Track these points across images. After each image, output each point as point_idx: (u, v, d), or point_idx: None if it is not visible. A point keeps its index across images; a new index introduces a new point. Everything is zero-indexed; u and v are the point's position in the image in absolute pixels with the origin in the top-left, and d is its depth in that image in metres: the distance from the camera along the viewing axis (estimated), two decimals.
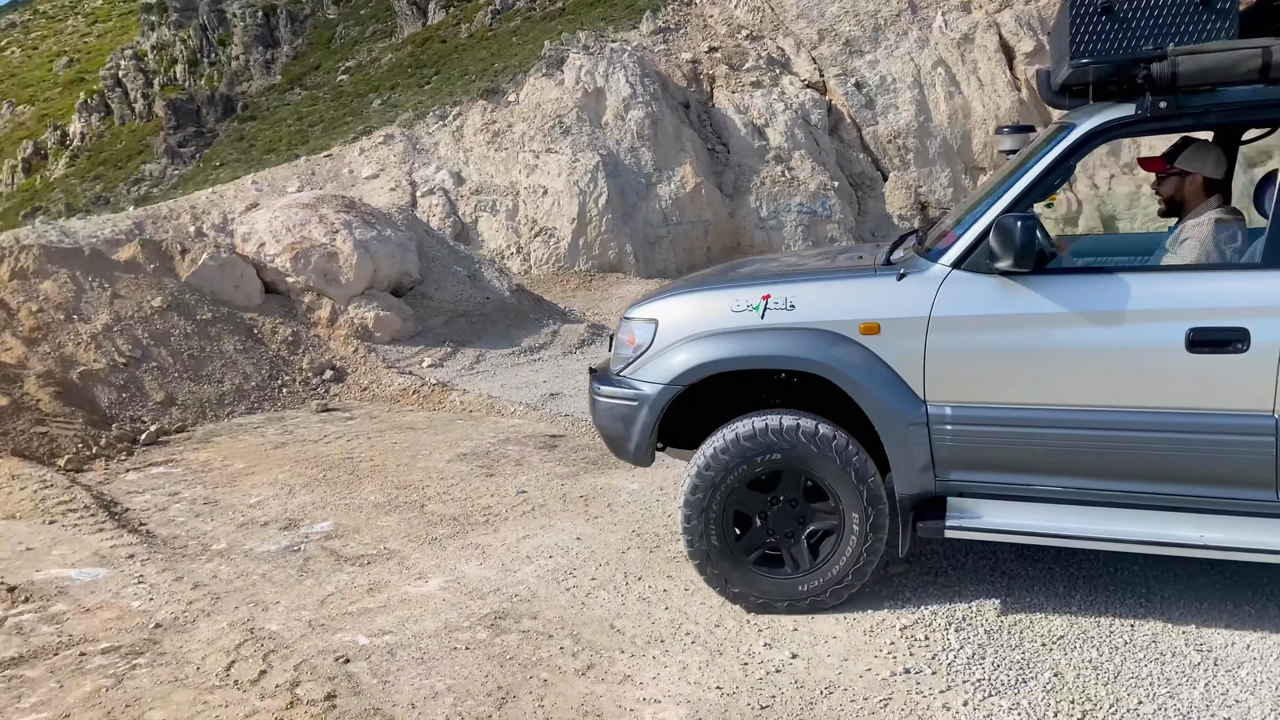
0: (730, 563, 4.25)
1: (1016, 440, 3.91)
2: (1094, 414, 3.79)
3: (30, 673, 4.00)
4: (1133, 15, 3.70)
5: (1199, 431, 3.67)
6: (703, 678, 3.76)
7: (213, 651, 4.11)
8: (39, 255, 9.40)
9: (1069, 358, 3.80)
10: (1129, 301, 3.74)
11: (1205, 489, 3.74)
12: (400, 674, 3.87)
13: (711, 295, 4.49)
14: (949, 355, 3.92)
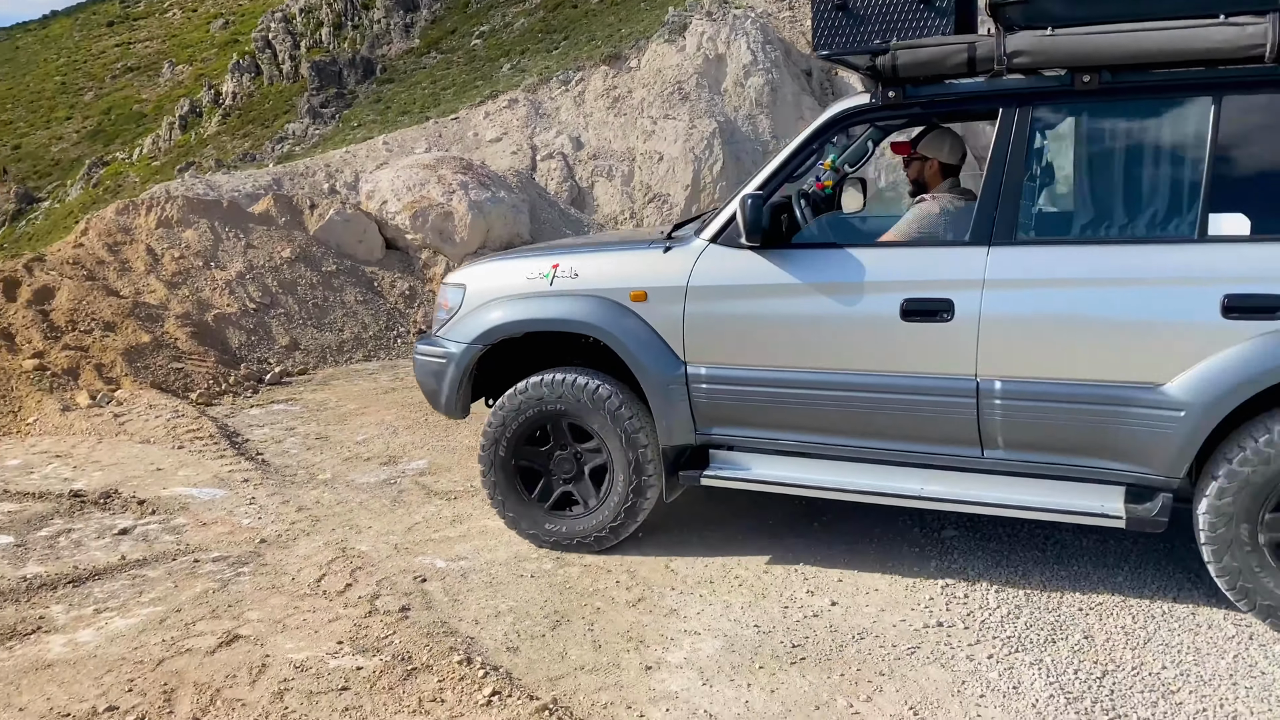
0: (522, 507, 4.72)
1: (761, 399, 4.30)
2: (824, 376, 4.17)
3: (151, 573, 4.53)
4: (864, 11, 4.03)
5: (913, 393, 4.02)
6: (743, 616, 4.01)
7: (307, 565, 4.57)
8: (182, 205, 10.18)
9: (801, 325, 4.19)
10: (852, 274, 4.10)
11: (922, 446, 4.10)
12: (469, 595, 4.24)
13: (511, 264, 4.89)
14: (703, 321, 4.34)
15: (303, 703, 3.37)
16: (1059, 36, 3.75)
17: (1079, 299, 3.78)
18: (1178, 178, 3.78)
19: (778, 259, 4.21)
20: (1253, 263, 3.58)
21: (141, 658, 3.71)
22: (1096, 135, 3.98)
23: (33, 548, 4.83)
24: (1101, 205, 3.89)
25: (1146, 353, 3.70)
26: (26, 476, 6.02)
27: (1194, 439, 3.64)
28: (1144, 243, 3.77)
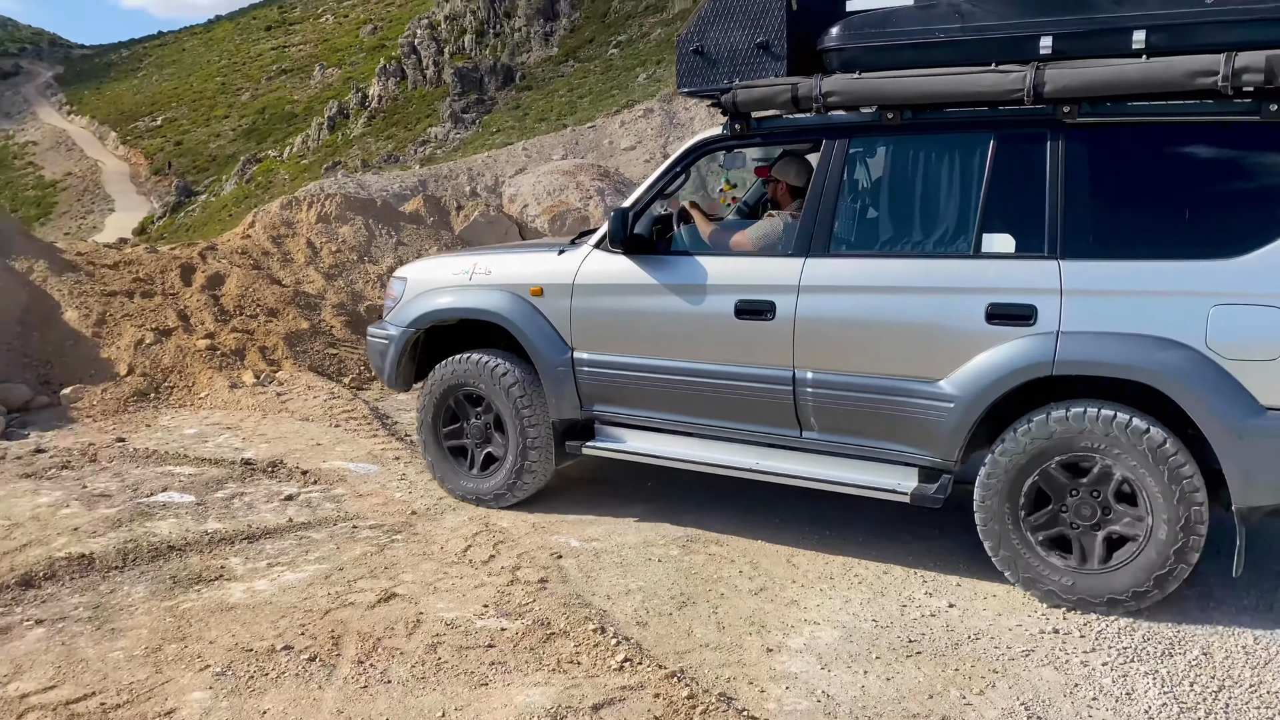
0: (447, 466, 5.55)
1: (630, 383, 5.01)
2: (677, 364, 4.86)
3: (315, 535, 4.99)
4: (716, 55, 4.74)
5: (745, 380, 4.68)
6: (862, 611, 4.19)
7: (454, 537, 4.95)
8: (340, 203, 10.88)
9: (657, 320, 4.90)
10: (698, 278, 4.81)
11: (755, 426, 4.76)
12: (601, 572, 4.55)
13: (442, 261, 5.80)
14: (585, 313, 5.08)
15: (454, 655, 3.72)
16: (865, 80, 4.39)
17: (875, 304, 4.40)
18: (960, 202, 4.32)
19: (642, 262, 4.95)
20: (1012, 276, 4.13)
21: (310, 607, 4.13)
22: (898, 164, 4.50)
23: (211, 507, 5.37)
24: (899, 223, 4.47)
25: (926, 352, 4.27)
26: (202, 444, 6.63)
27: (961, 428, 4.21)
28: (929, 257, 4.35)
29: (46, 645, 3.80)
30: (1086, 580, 4.11)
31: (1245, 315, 3.76)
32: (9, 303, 8.16)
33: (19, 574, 4.36)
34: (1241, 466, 3.80)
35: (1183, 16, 3.86)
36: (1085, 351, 3.97)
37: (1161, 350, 3.85)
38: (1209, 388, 3.79)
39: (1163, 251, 3.93)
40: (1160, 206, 4.03)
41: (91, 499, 5.42)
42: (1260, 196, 3.87)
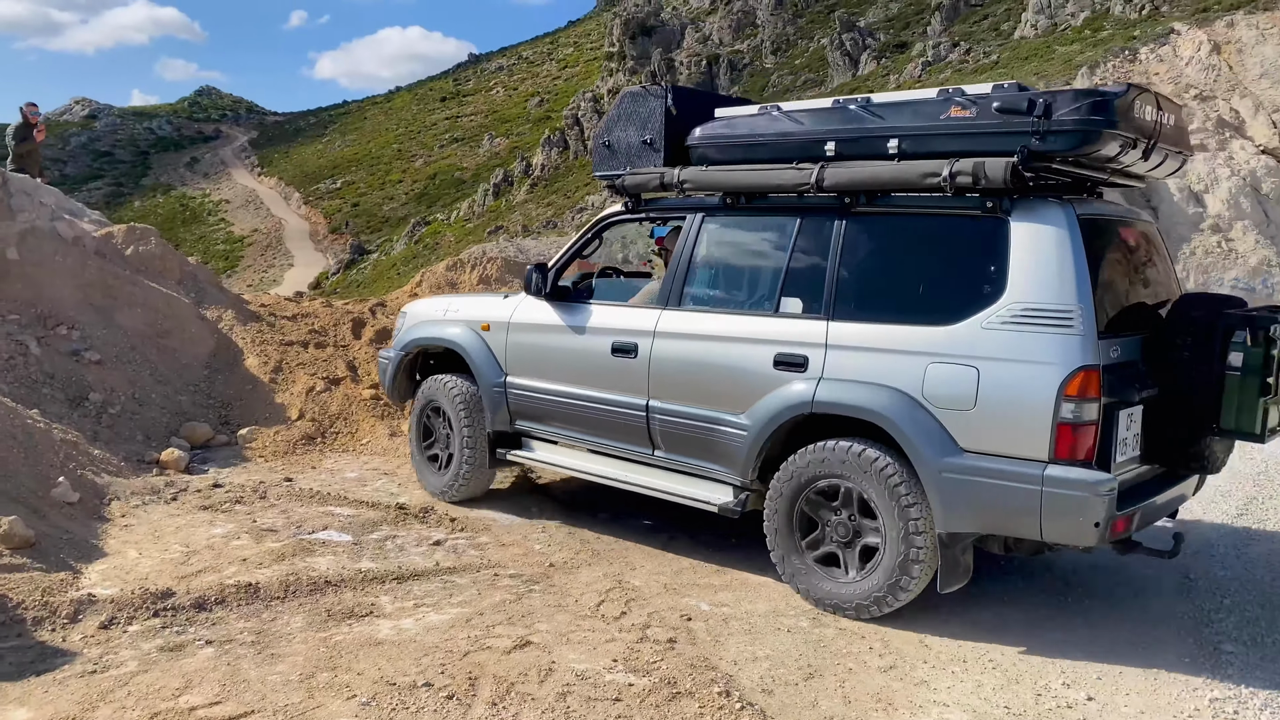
0: (423, 467, 6.91)
1: (543, 404, 6.12)
2: (573, 390, 5.94)
3: (459, 580, 5.23)
4: (618, 149, 5.96)
5: (617, 406, 5.71)
6: (994, 696, 4.10)
7: (589, 591, 5.10)
8: (500, 266, 11.44)
9: (559, 354, 6.04)
10: (591, 321, 5.93)
11: (625, 444, 5.77)
12: (730, 638, 4.60)
13: (432, 301, 7.17)
14: (515, 346, 6.27)
15: (582, 705, 3.85)
16: (710, 171, 5.53)
17: (703, 349, 5.37)
18: (771, 270, 5.31)
19: (557, 307, 6.10)
20: (794, 332, 5.03)
21: (451, 648, 4.34)
22: (732, 237, 5.61)
23: (366, 547, 5.70)
24: (728, 285, 5.58)
25: (734, 390, 5.19)
26: (361, 488, 7.04)
27: (752, 453, 5.11)
28: (744, 314, 5.33)
29: (214, 664, 4.13)
30: (847, 589, 4.86)
31: (951, 372, 4.51)
32: (200, 348, 8.91)
33: (194, 597, 4.75)
34: (941, 498, 4.51)
35: (921, 129, 4.78)
36: (833, 395, 4.81)
37: (888, 397, 4.65)
38: (919, 430, 4.55)
39: (900, 317, 4.74)
40: (900, 280, 4.90)
41: (260, 533, 5.84)
42: (971, 276, 4.61)
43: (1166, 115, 4.71)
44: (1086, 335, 4.29)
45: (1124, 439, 4.44)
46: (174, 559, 5.37)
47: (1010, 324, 4.41)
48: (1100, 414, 4.30)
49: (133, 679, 3.96)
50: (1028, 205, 4.51)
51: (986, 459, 4.43)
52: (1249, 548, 6.11)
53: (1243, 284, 17.52)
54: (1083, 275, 4.35)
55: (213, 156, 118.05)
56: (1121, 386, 4.43)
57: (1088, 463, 4.30)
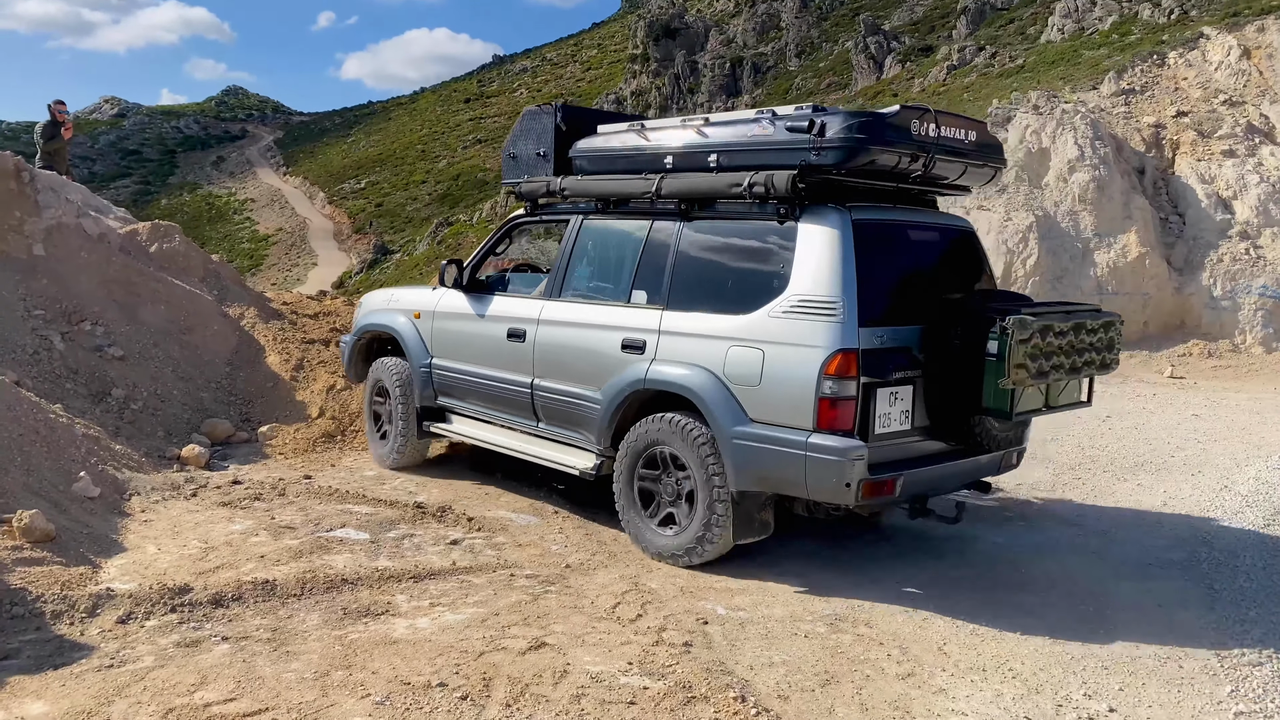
0: (374, 441, 7.80)
1: (458, 383, 7.02)
2: (478, 370, 6.82)
3: (476, 580, 5.22)
4: (520, 159, 6.90)
5: (511, 385, 6.56)
6: (1014, 707, 4.04)
7: (604, 593, 5.08)
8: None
9: (468, 338, 6.93)
10: (493, 310, 6.81)
11: (517, 418, 6.65)
12: (746, 642, 4.56)
13: (381, 292, 8.16)
14: (439, 331, 7.18)
15: (596, 708, 3.82)
16: (582, 180, 6.42)
17: (573, 334, 6.19)
18: (628, 266, 6.08)
19: (470, 298, 6.98)
20: (638, 319, 5.83)
21: (466, 648, 4.33)
22: (601, 238, 6.42)
23: (383, 546, 5.70)
24: (595, 278, 6.35)
25: (593, 369, 6.01)
26: (379, 486, 7.05)
27: (604, 424, 5.91)
28: (604, 303, 6.12)
29: (230, 660, 4.13)
30: (671, 540, 5.59)
31: (745, 354, 5.26)
32: (222, 345, 8.95)
33: (211, 593, 4.76)
34: (733, 461, 5.27)
35: (734, 145, 5.56)
36: (659, 373, 5.62)
37: (698, 375, 5.44)
38: (718, 403, 5.31)
39: (713, 307, 5.51)
40: (717, 276, 5.64)
41: (278, 530, 5.86)
42: (766, 272, 5.34)
43: (953, 131, 5.39)
44: (847, 323, 4.96)
45: (885, 414, 5.08)
46: (192, 555, 5.38)
47: (789, 313, 5.14)
48: (859, 391, 4.97)
49: (149, 674, 3.96)
50: (813, 211, 5.23)
51: (768, 428, 5.16)
52: (1276, 559, 6.02)
53: (1271, 291, 17.27)
54: (849, 272, 5.03)
55: (239, 156, 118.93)
56: (883, 368, 5.06)
57: (848, 432, 4.96)
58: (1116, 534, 6.51)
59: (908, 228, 5.58)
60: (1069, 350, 5.23)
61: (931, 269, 5.68)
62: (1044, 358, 5.09)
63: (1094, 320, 5.38)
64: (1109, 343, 5.49)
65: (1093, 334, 5.36)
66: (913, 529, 6.45)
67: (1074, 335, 5.24)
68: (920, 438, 5.31)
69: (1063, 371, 5.24)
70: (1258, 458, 8.68)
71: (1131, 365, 14.75)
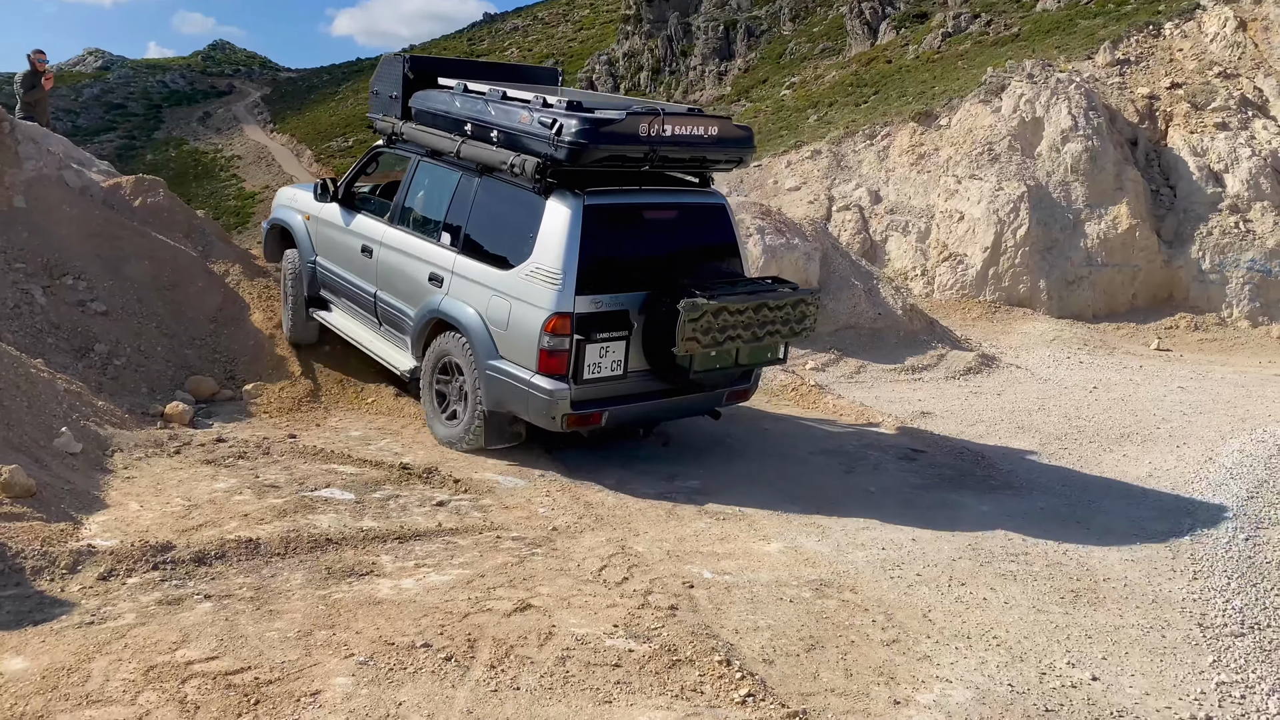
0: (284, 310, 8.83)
1: (330, 281, 8.19)
2: (344, 274, 8.00)
3: (461, 542, 5.20)
4: (380, 97, 7.97)
5: (362, 292, 7.75)
6: (998, 674, 4.06)
7: (591, 556, 5.06)
8: None
9: (338, 246, 8.07)
10: (353, 226, 7.90)
11: (368, 319, 7.81)
12: (731, 606, 4.56)
13: (288, 191, 9.47)
14: (319, 234, 8.33)
15: (581, 670, 3.81)
16: (413, 129, 7.48)
17: (401, 260, 7.33)
18: (441, 208, 7.17)
19: (340, 211, 8.03)
20: (441, 258, 6.92)
21: (451, 609, 4.31)
22: (428, 180, 7.44)
23: (369, 506, 5.66)
24: (422, 213, 7.43)
25: (411, 292, 7.19)
26: (365, 447, 7.00)
27: (416, 337, 7.09)
28: (423, 239, 7.21)
29: (212, 619, 4.10)
30: (453, 431, 6.89)
31: (500, 303, 6.44)
32: (207, 302, 8.84)
33: (194, 551, 4.72)
34: (484, 386, 6.53)
35: (509, 126, 6.46)
36: (446, 307, 6.80)
37: (470, 313, 6.63)
38: (480, 339, 6.52)
39: (488, 259, 6.65)
40: (495, 233, 6.75)
41: (262, 489, 5.81)
42: (523, 238, 6.38)
43: (687, 129, 6.39)
44: (565, 292, 6.10)
45: (594, 363, 6.20)
46: (175, 512, 5.34)
47: (529, 276, 6.27)
48: (572, 345, 6.12)
49: (130, 631, 3.93)
50: (557, 193, 6.29)
51: (508, 364, 6.39)
52: (1258, 532, 6.05)
53: (1258, 266, 17.30)
54: (573, 249, 6.13)
55: (225, 112, 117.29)
56: (595, 328, 6.17)
57: (561, 376, 6.17)
58: (1102, 504, 6.53)
59: (644, 208, 6.61)
60: (749, 325, 6.29)
61: (668, 243, 6.76)
62: (717, 332, 6.15)
63: (777, 299, 6.42)
64: (799, 316, 6.57)
65: (777, 310, 6.41)
66: (901, 496, 6.45)
67: (753, 313, 6.29)
68: (638, 380, 6.43)
69: (742, 341, 6.30)
70: (1242, 431, 8.71)
71: (1119, 337, 14.80)
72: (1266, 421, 9.03)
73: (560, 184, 6.26)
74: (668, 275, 6.38)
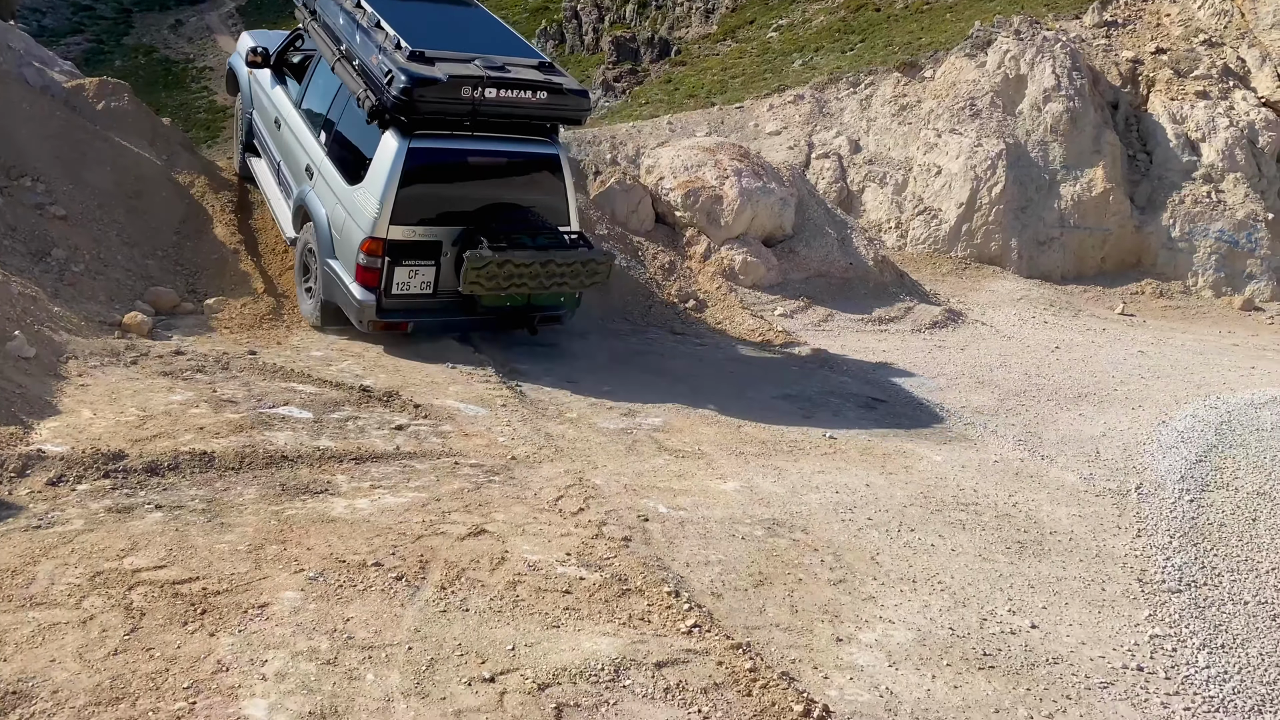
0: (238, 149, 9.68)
1: (258, 136, 8.93)
2: (265, 135, 8.68)
3: (419, 466, 5.19)
4: None
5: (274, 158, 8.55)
6: (940, 617, 4.14)
7: (548, 486, 5.08)
8: None
9: (262, 107, 8.77)
10: (274, 94, 8.57)
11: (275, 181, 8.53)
12: (684, 541, 4.61)
13: (249, 37, 9.58)
14: (254, 91, 9.05)
15: (531, 595, 3.85)
16: (314, 29, 8.00)
17: (294, 142, 8.07)
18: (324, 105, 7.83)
19: (270, 78, 8.74)
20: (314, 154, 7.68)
21: (404, 531, 4.32)
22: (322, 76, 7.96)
23: (326, 426, 5.63)
24: (314, 106, 8.00)
25: (295, 176, 7.99)
26: (326, 367, 6.93)
27: (292, 217, 8.00)
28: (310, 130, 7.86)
29: (162, 529, 4.08)
30: (307, 307, 7.62)
31: (340, 212, 7.19)
32: (170, 212, 8.66)
33: (146, 461, 4.68)
34: (321, 279, 7.34)
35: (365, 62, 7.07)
36: (307, 200, 7.57)
37: (321, 213, 7.40)
38: (324, 238, 7.33)
39: (342, 168, 7.34)
40: (349, 144, 7.40)
41: (219, 403, 5.76)
42: (364, 161, 7.11)
43: (513, 93, 7.00)
44: (381, 220, 6.87)
45: (403, 282, 7.05)
46: (129, 422, 5.28)
47: (361, 198, 7.00)
48: (383, 265, 6.94)
49: (77, 537, 3.90)
50: (392, 131, 6.96)
51: (338, 266, 7.16)
52: (1203, 494, 6.18)
53: (1226, 236, 17.45)
54: (392, 183, 6.85)
55: (198, 21, 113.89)
56: (406, 255, 7.00)
57: (373, 289, 6.98)
58: (1055, 460, 6.64)
59: (470, 154, 7.25)
60: (536, 275, 6.97)
61: (492, 187, 7.35)
62: (503, 278, 6.87)
63: (565, 258, 7.06)
64: (590, 272, 7.26)
65: (566, 266, 7.06)
66: (859, 443, 6.52)
67: (540, 267, 6.96)
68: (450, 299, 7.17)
69: (529, 288, 7.03)
70: (1197, 396, 8.85)
71: (1085, 300, 14.94)
72: (1220, 389, 9.18)
73: (394, 122, 6.91)
74: (480, 219, 7.07)
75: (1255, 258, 17.42)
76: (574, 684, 3.35)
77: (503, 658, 3.45)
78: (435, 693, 3.25)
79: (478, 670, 3.37)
